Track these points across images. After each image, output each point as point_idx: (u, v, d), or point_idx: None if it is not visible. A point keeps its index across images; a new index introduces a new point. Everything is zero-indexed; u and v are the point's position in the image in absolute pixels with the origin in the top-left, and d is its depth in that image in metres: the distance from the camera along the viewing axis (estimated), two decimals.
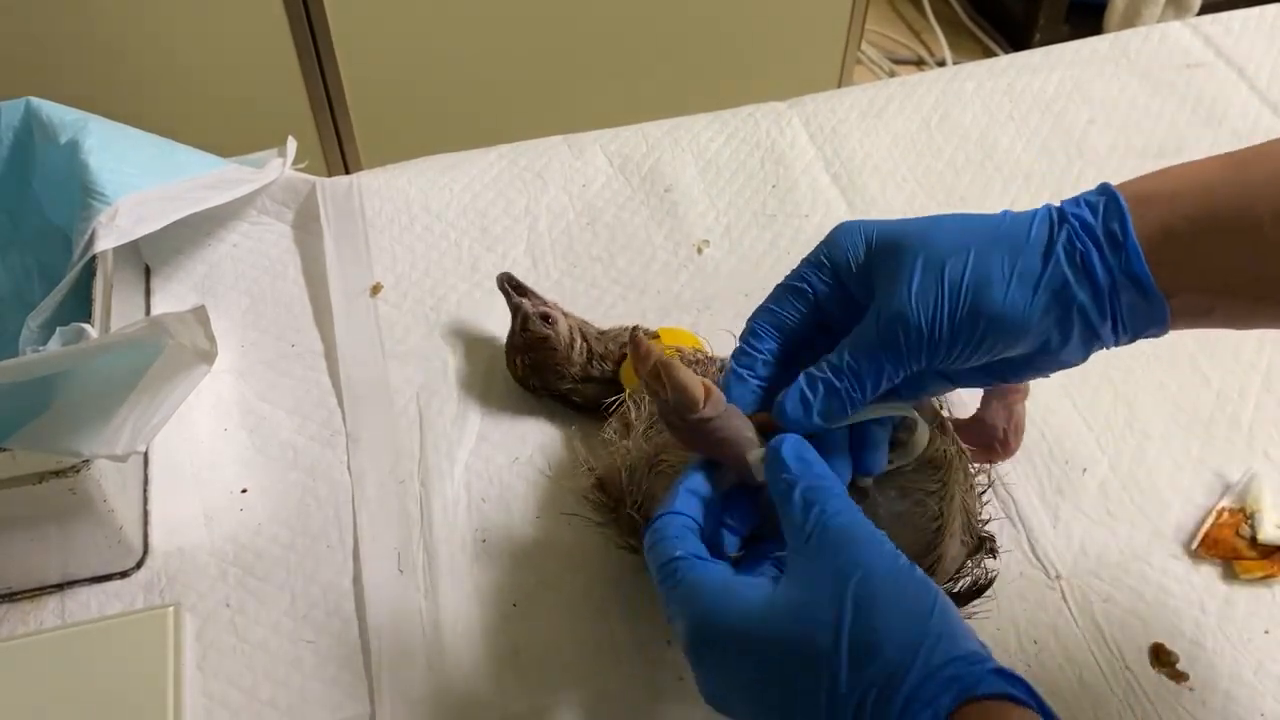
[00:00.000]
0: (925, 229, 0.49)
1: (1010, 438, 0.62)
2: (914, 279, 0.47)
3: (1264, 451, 0.70)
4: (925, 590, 0.42)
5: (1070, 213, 0.48)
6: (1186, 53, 1.00)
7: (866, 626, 0.41)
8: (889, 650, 0.40)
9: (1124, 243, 0.46)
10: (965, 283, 0.47)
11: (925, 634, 0.40)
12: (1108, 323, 0.47)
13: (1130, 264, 0.46)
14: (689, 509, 0.48)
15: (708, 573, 0.46)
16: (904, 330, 0.47)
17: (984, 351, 0.48)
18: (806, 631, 0.41)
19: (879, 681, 0.40)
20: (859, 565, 0.42)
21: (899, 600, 0.41)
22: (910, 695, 0.39)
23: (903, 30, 2.30)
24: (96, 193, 0.69)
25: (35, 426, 0.55)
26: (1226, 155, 0.48)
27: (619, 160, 0.90)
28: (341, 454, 0.71)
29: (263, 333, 0.78)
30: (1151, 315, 0.47)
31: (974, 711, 0.39)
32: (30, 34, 1.29)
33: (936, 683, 0.39)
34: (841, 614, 0.41)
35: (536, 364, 0.71)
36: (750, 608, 0.43)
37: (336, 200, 0.86)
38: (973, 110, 0.95)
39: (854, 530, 0.44)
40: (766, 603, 0.43)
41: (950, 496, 0.55)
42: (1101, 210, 0.47)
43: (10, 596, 0.64)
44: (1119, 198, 0.47)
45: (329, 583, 0.65)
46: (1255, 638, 0.61)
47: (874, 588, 0.42)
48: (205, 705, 0.60)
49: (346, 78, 1.45)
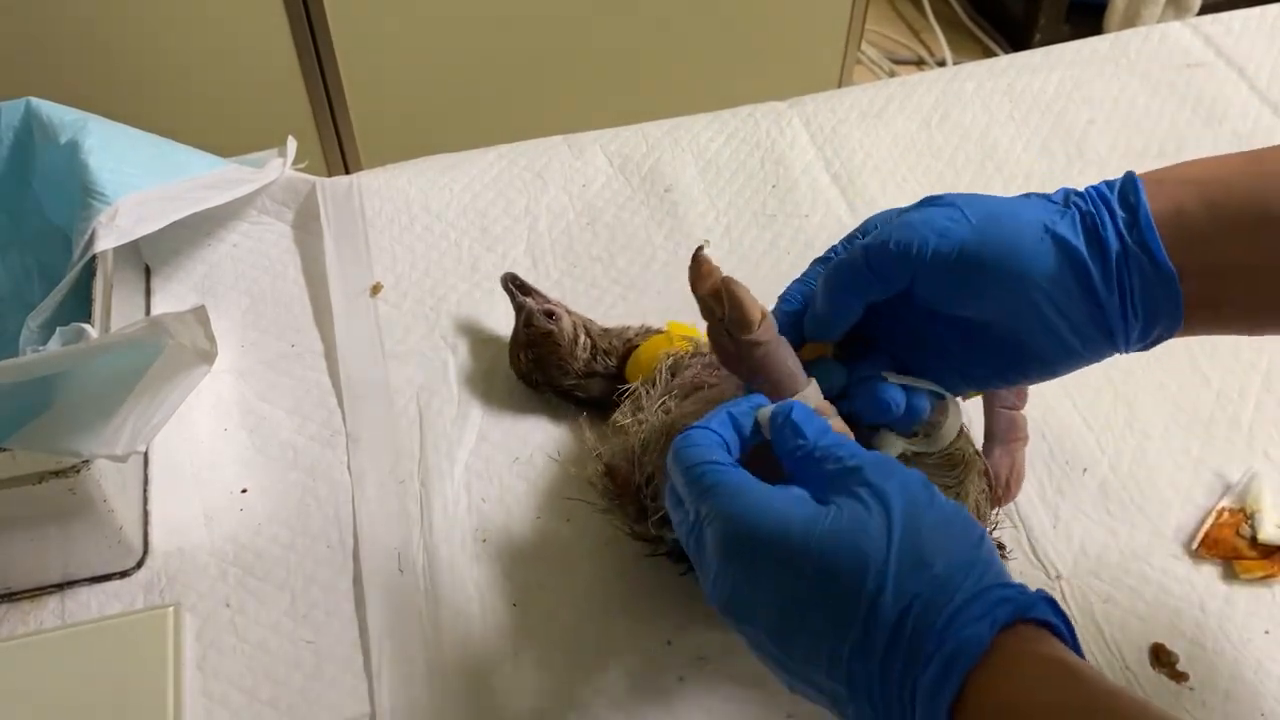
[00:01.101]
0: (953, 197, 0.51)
1: (1012, 484, 0.63)
2: (926, 210, 0.49)
3: (1264, 451, 0.70)
4: (972, 523, 0.43)
5: (1087, 190, 0.49)
6: (1186, 53, 1.00)
7: (915, 544, 0.41)
8: (939, 566, 0.40)
9: (1136, 210, 0.47)
10: (976, 212, 0.48)
11: (976, 559, 0.41)
12: (1115, 294, 0.47)
13: (1141, 231, 0.47)
14: (724, 429, 0.47)
15: (745, 479, 0.45)
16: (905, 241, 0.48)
17: (993, 294, 0.48)
18: (855, 542, 0.41)
19: (926, 593, 0.40)
20: (908, 492, 0.42)
21: (949, 526, 0.42)
22: (959, 608, 0.39)
23: (903, 30, 2.30)
24: (96, 193, 0.69)
25: (35, 426, 0.55)
26: (1245, 152, 0.49)
27: (619, 160, 0.90)
28: (341, 454, 0.71)
29: (263, 333, 0.78)
30: (1164, 295, 0.47)
31: (1023, 632, 0.40)
32: (30, 34, 1.29)
33: (987, 601, 0.40)
34: (891, 528, 0.41)
35: (540, 359, 0.71)
36: (793, 516, 0.43)
37: (336, 200, 0.86)
38: (973, 110, 0.95)
39: (896, 466, 0.44)
40: (811, 515, 0.43)
41: (965, 495, 0.56)
42: (1118, 186, 0.48)
43: (10, 596, 0.64)
44: (1137, 178, 0.48)
45: (329, 583, 0.65)
46: (1255, 638, 0.61)
47: (922, 512, 0.42)
48: (205, 705, 0.60)
49: (346, 78, 1.45)
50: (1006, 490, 0.62)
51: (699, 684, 0.60)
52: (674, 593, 0.62)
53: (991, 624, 0.39)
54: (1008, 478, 0.62)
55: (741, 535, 0.43)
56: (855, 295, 0.51)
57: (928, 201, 0.51)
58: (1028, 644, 0.40)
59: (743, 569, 0.43)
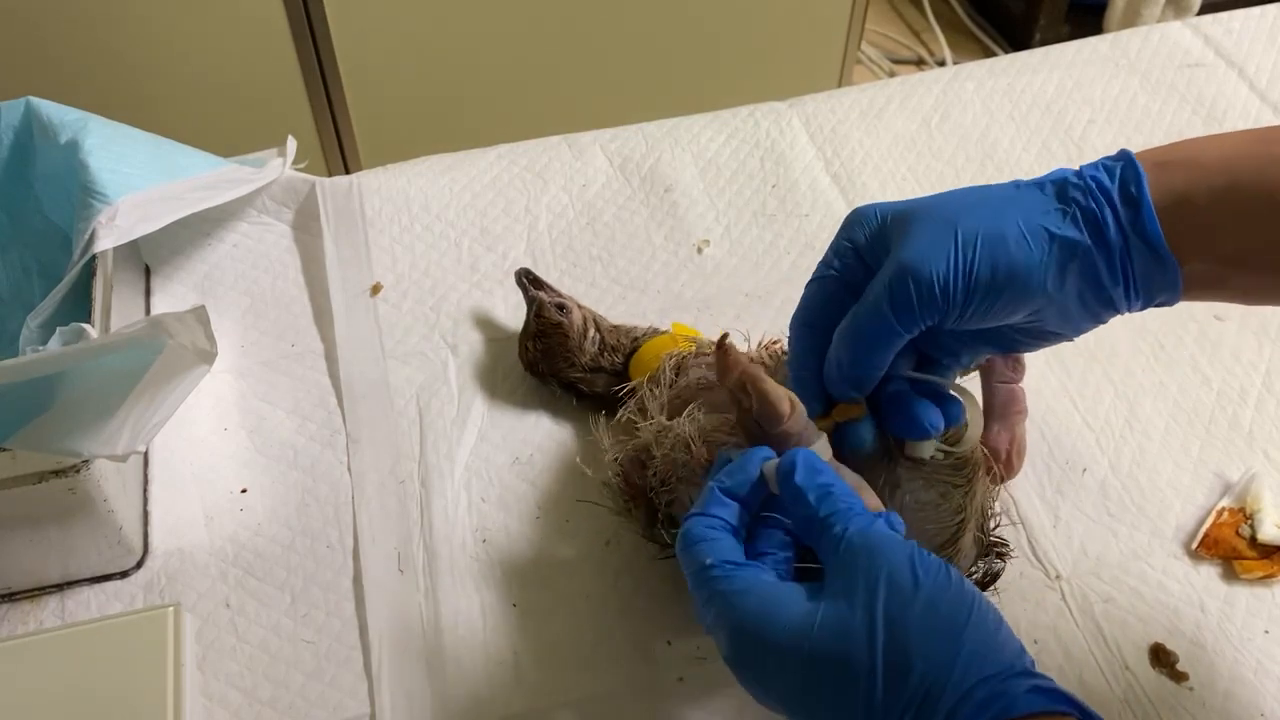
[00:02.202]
0: (939, 197, 0.49)
1: (1014, 459, 0.62)
2: (925, 234, 0.47)
3: (1264, 451, 0.70)
4: (960, 601, 0.42)
5: (1087, 174, 0.48)
6: (1186, 53, 1.00)
7: (899, 646, 0.40)
8: (921, 668, 0.40)
9: (1139, 203, 0.46)
10: (980, 238, 0.46)
11: (958, 652, 0.40)
12: (1120, 285, 0.47)
13: (1144, 225, 0.46)
14: (723, 511, 0.48)
15: (745, 583, 0.45)
16: (915, 283, 0.46)
17: (998, 310, 0.48)
18: (844, 650, 0.41)
19: (915, 702, 0.39)
20: (892, 580, 0.42)
21: (932, 616, 0.41)
22: (949, 713, 0.39)
23: (903, 30, 2.30)
24: (96, 193, 0.69)
25: (35, 426, 0.55)
26: (1251, 130, 0.48)
27: (619, 160, 0.90)
28: (341, 454, 0.71)
29: (263, 333, 0.78)
30: (1164, 280, 0.47)
31: None
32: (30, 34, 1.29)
33: (971, 705, 0.39)
34: (874, 632, 0.41)
35: (548, 350, 0.71)
36: (790, 622, 0.43)
37: (336, 200, 0.86)
38: (973, 110, 0.95)
39: (883, 545, 0.43)
40: (805, 617, 0.43)
41: (973, 494, 0.56)
42: (1118, 173, 0.47)
43: (10, 596, 0.64)
44: (1136, 162, 0.47)
45: (329, 583, 0.65)
46: (1255, 638, 0.61)
47: (907, 604, 0.41)
48: (205, 705, 0.60)
49: (346, 78, 1.45)
50: (1008, 465, 0.62)
51: (699, 684, 0.60)
52: (674, 593, 0.62)
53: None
54: (1009, 452, 0.62)
55: (744, 644, 0.44)
56: (883, 351, 0.50)
57: (920, 219, 0.49)
58: None
59: (755, 674, 0.44)
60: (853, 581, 0.43)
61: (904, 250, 0.47)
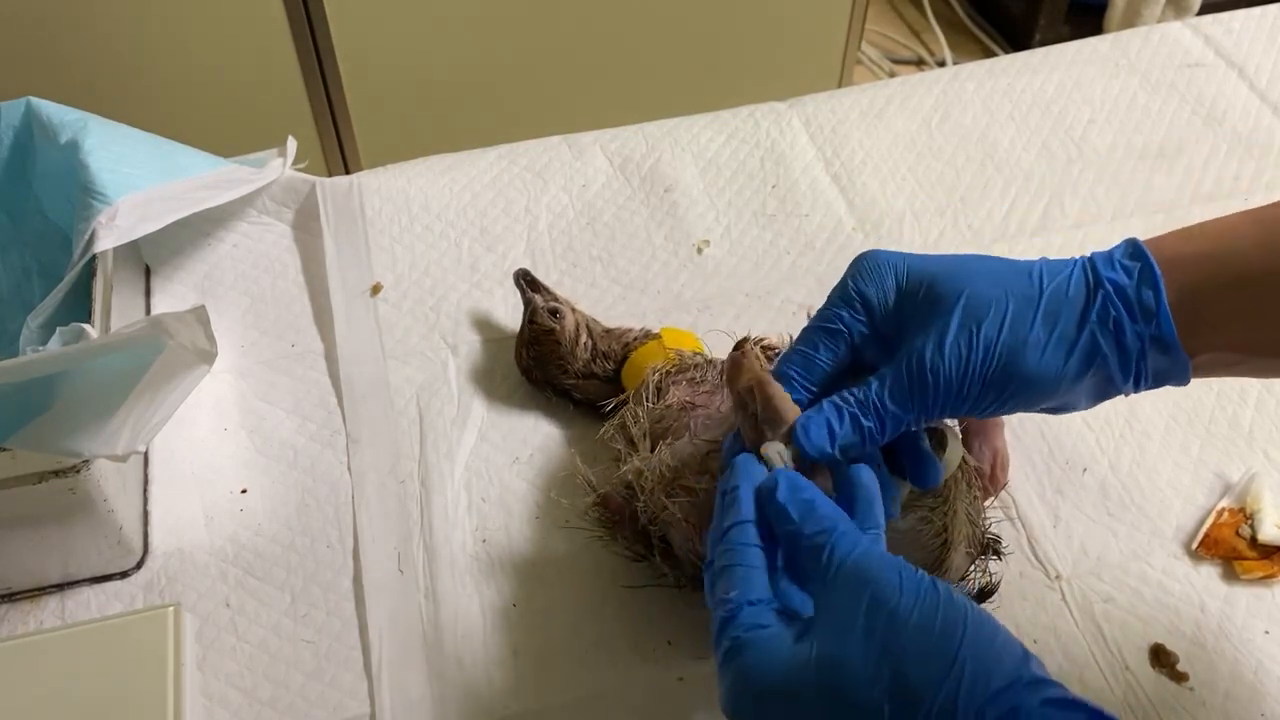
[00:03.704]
0: (956, 273, 0.49)
1: (998, 473, 0.62)
2: (948, 332, 0.47)
3: (1264, 451, 0.70)
4: (952, 618, 0.41)
5: (1105, 276, 0.48)
6: (1186, 53, 1.00)
7: (899, 673, 0.40)
8: (926, 694, 0.39)
9: (1156, 312, 0.47)
10: (1001, 342, 0.47)
11: (961, 673, 0.39)
12: (1130, 382, 0.48)
13: (1161, 331, 0.47)
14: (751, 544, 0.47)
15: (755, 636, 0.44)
16: (935, 382, 0.47)
17: (1009, 407, 0.49)
18: (843, 688, 0.41)
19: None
20: (881, 607, 0.41)
21: (925, 638, 0.40)
22: None
23: (903, 30, 2.30)
24: (96, 193, 0.69)
25: (35, 426, 0.55)
26: (1251, 213, 0.49)
27: (619, 160, 0.90)
28: (341, 454, 0.71)
29: (263, 333, 0.78)
30: (1175, 372, 0.48)
31: None
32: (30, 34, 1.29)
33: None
34: (871, 664, 0.40)
35: (541, 357, 0.71)
36: (781, 664, 0.42)
37: (336, 200, 0.86)
38: (973, 110, 0.95)
39: (869, 567, 0.43)
40: (797, 658, 0.42)
41: (953, 511, 0.55)
42: (1136, 276, 0.48)
43: (10, 596, 0.64)
44: (1153, 264, 0.48)
45: (329, 583, 0.65)
46: (1255, 638, 0.61)
47: (899, 629, 0.41)
48: (205, 705, 0.60)
49: (346, 78, 1.45)
50: (994, 480, 0.62)
51: (699, 684, 0.60)
52: (673, 593, 0.62)
53: None
54: (992, 467, 0.62)
55: (742, 694, 0.43)
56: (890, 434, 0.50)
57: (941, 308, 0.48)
58: None
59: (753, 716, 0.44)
60: (843, 615, 0.42)
61: (927, 348, 0.48)
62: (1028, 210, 0.86)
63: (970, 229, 0.85)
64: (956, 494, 0.55)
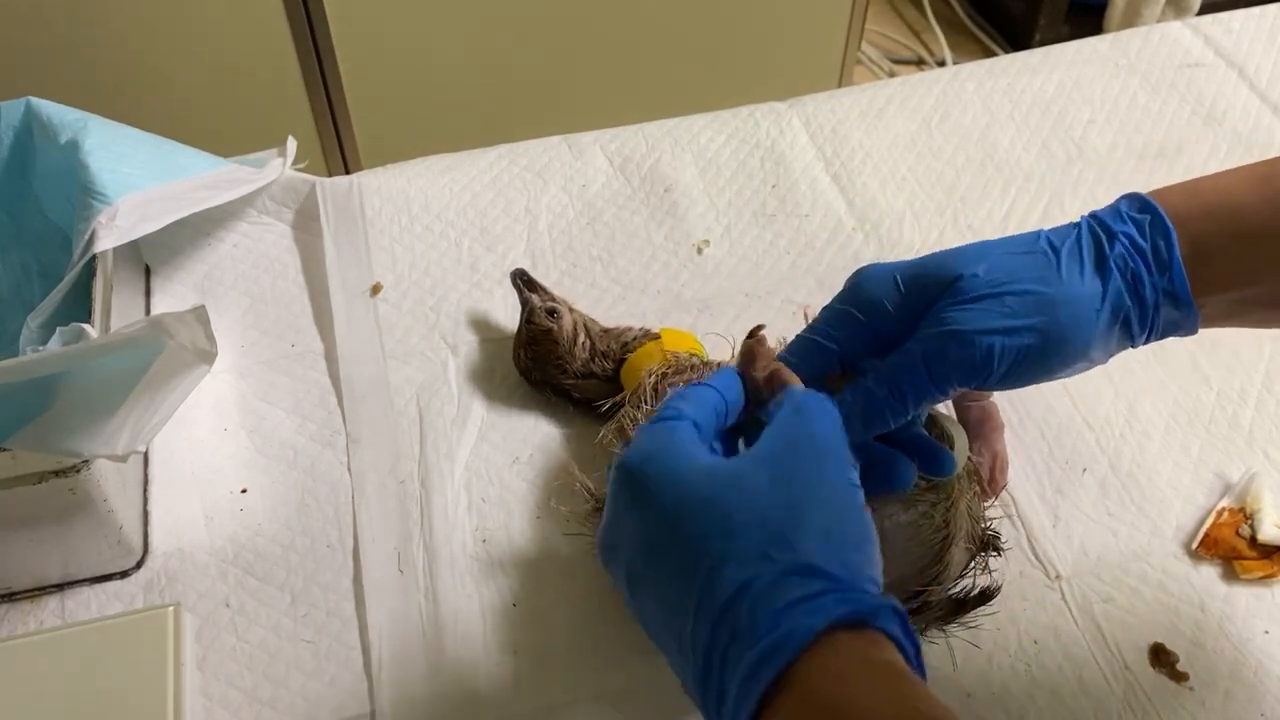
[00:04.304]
0: (966, 257, 0.49)
1: (997, 475, 0.63)
2: (974, 304, 0.47)
3: (1264, 451, 0.70)
4: (865, 527, 0.41)
5: (1118, 230, 0.49)
6: (1186, 53, 1.00)
7: (794, 526, 0.40)
8: (803, 553, 0.39)
9: (1169, 264, 0.48)
10: (1032, 303, 0.47)
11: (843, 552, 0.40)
12: (1144, 334, 0.49)
13: (1174, 285, 0.48)
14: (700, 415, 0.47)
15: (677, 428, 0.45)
16: (968, 353, 0.47)
17: (1039, 376, 0.49)
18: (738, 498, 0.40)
19: (772, 575, 0.39)
20: (813, 480, 0.41)
21: (839, 517, 0.41)
22: (800, 599, 0.38)
23: (903, 30, 2.30)
24: (96, 193, 0.69)
25: (35, 426, 0.55)
26: (1252, 169, 0.49)
27: (619, 160, 0.90)
28: (341, 454, 0.71)
29: (263, 333, 0.78)
30: (1184, 323, 0.49)
31: (864, 636, 0.38)
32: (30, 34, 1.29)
33: (831, 598, 0.38)
34: (776, 499, 0.40)
35: (539, 357, 0.71)
36: (696, 462, 0.43)
37: (336, 200, 0.86)
38: (973, 110, 0.95)
39: (827, 449, 0.43)
40: (711, 465, 0.43)
41: (955, 507, 0.55)
42: (1148, 230, 0.48)
43: (10, 596, 0.64)
44: (1164, 216, 0.48)
45: (329, 583, 0.65)
46: (1255, 638, 0.61)
47: (819, 500, 0.41)
48: (205, 705, 0.60)
49: (346, 78, 1.45)
50: (993, 481, 0.62)
51: None
52: None
53: (826, 618, 0.37)
54: (992, 468, 0.62)
55: (638, 466, 0.43)
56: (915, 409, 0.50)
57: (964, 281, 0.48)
58: (864, 648, 0.38)
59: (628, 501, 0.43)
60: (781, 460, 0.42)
61: (953, 317, 0.47)
62: (1028, 210, 0.86)
63: (970, 229, 0.85)
64: (959, 490, 0.55)
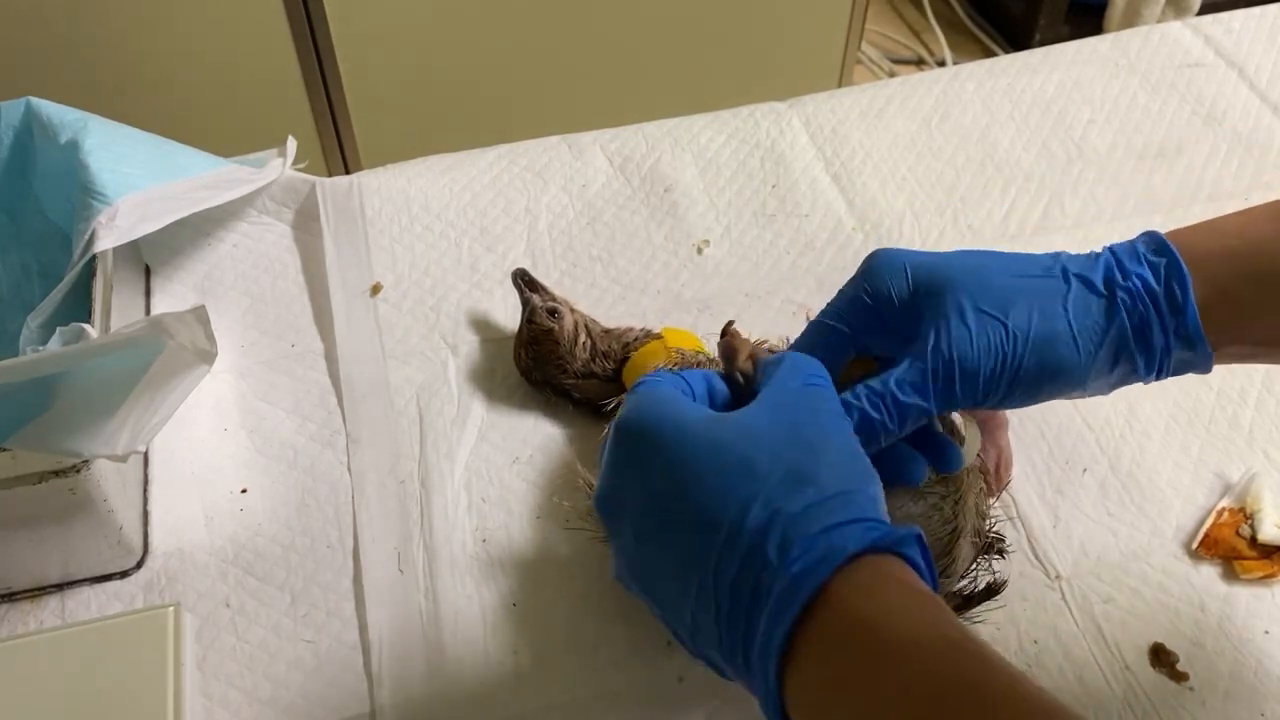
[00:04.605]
0: (977, 270, 0.49)
1: (1002, 472, 0.63)
2: (972, 322, 0.47)
3: (1264, 451, 0.70)
4: (870, 468, 0.43)
5: (1133, 271, 0.48)
6: (1186, 53, 1.00)
7: (803, 463, 0.41)
8: (826, 488, 0.40)
9: (1184, 309, 0.47)
10: (1031, 337, 0.47)
11: (860, 486, 0.41)
12: (1154, 374, 0.49)
13: (1187, 330, 0.47)
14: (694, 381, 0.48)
15: (672, 385, 0.46)
16: (961, 377, 0.47)
17: (1036, 400, 0.48)
18: (753, 441, 0.41)
19: (799, 509, 0.39)
20: (820, 423, 0.43)
21: (851, 456, 0.42)
22: (829, 527, 0.39)
23: (903, 30, 2.30)
24: (96, 193, 0.69)
25: (35, 426, 0.55)
26: (1271, 208, 0.49)
27: (619, 160, 0.90)
28: (341, 454, 0.71)
29: (263, 333, 0.78)
30: (1197, 364, 0.49)
31: (889, 561, 0.39)
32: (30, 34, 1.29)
33: (858, 527, 0.39)
34: (791, 440, 0.41)
35: (539, 357, 0.71)
36: (699, 413, 0.43)
37: (336, 200, 0.86)
38: (973, 110, 0.95)
39: (825, 399, 0.44)
40: (716, 416, 0.43)
41: (963, 501, 0.55)
42: (1164, 272, 0.48)
43: (10, 596, 0.64)
44: (1180, 261, 0.48)
45: (329, 583, 0.65)
46: (1255, 638, 0.61)
47: (829, 440, 0.42)
48: (205, 705, 0.60)
49: (346, 78, 1.45)
50: (997, 479, 0.63)
51: (699, 684, 0.60)
52: None
53: (860, 542, 0.38)
54: (996, 466, 0.62)
55: (639, 420, 0.44)
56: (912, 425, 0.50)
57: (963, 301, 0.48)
58: (894, 570, 0.39)
59: (628, 456, 0.44)
60: (783, 410, 0.43)
61: (953, 334, 0.47)
62: (1028, 210, 0.86)
63: (970, 229, 0.85)
64: (967, 484, 0.56)
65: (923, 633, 0.37)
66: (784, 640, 0.38)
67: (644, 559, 0.43)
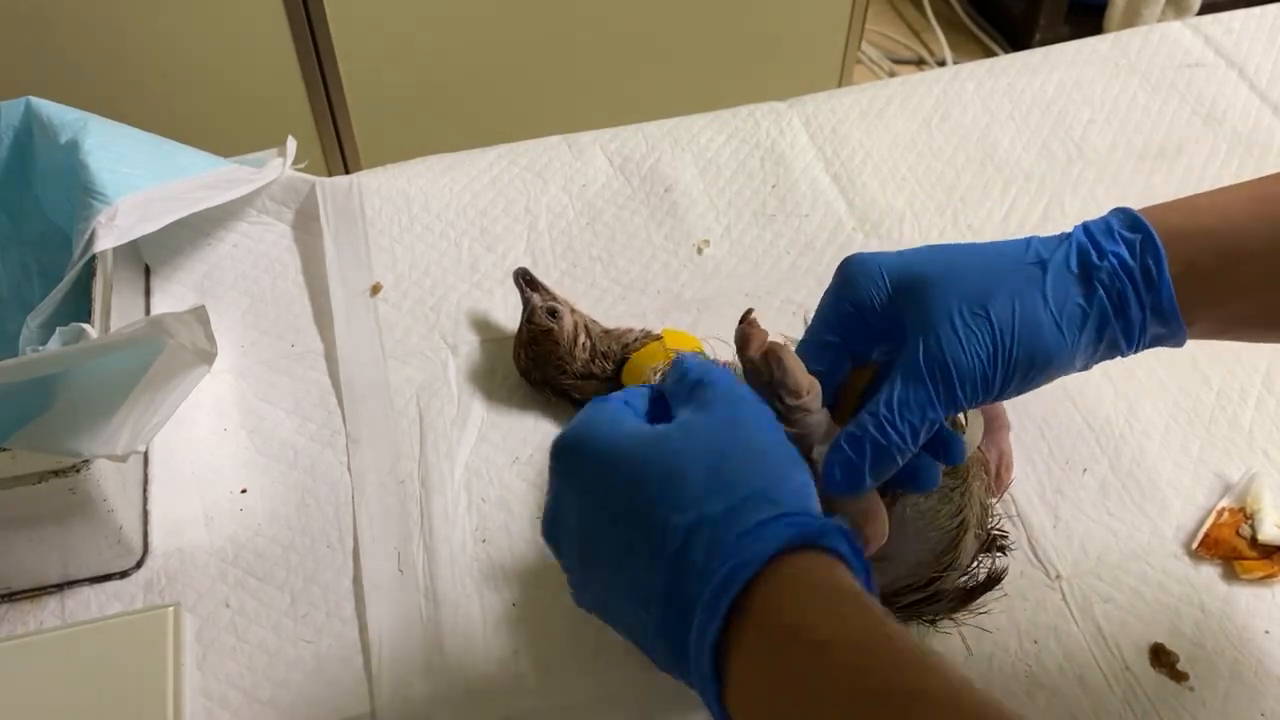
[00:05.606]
0: (950, 264, 0.49)
1: (1003, 473, 0.63)
2: (958, 323, 0.47)
3: (1264, 451, 0.70)
4: (795, 459, 0.43)
5: (1108, 249, 0.48)
6: (1186, 53, 1.00)
7: (725, 467, 0.41)
8: (742, 492, 0.40)
9: (1158, 284, 0.48)
10: (1016, 325, 0.47)
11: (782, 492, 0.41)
12: (1131, 346, 0.49)
13: (1162, 305, 0.48)
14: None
15: (615, 403, 0.46)
16: (958, 376, 0.47)
17: (1029, 387, 0.49)
18: (672, 452, 0.42)
19: (721, 515, 0.40)
20: (737, 420, 0.43)
21: (770, 452, 0.42)
22: (747, 531, 0.39)
23: (903, 30, 2.30)
24: (96, 193, 0.69)
25: (35, 426, 0.55)
26: (1249, 187, 0.50)
27: (619, 160, 0.90)
28: (341, 454, 0.71)
29: (263, 333, 0.78)
30: (1170, 338, 0.49)
31: (813, 559, 0.40)
32: (30, 34, 1.29)
33: (777, 526, 0.39)
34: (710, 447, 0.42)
35: (539, 357, 0.71)
36: (631, 429, 0.44)
37: (336, 200, 0.86)
38: (973, 110, 0.95)
39: (741, 398, 0.45)
40: (646, 430, 0.44)
41: (970, 494, 0.56)
42: (1139, 250, 0.48)
43: (10, 596, 0.64)
44: (1155, 237, 0.48)
45: (329, 583, 0.65)
46: (1255, 638, 0.61)
47: (748, 437, 0.43)
48: (205, 705, 0.60)
49: (346, 78, 1.45)
50: (998, 480, 0.63)
51: None
52: None
53: (776, 543, 0.39)
54: (998, 467, 0.63)
55: (577, 439, 0.44)
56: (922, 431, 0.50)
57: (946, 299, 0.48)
58: (816, 570, 0.39)
59: (568, 470, 0.45)
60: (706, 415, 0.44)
61: (942, 340, 0.47)
62: (1028, 210, 0.86)
63: (970, 229, 0.85)
64: (974, 475, 0.56)
65: (838, 633, 0.38)
66: (713, 646, 0.38)
67: (591, 577, 0.44)
